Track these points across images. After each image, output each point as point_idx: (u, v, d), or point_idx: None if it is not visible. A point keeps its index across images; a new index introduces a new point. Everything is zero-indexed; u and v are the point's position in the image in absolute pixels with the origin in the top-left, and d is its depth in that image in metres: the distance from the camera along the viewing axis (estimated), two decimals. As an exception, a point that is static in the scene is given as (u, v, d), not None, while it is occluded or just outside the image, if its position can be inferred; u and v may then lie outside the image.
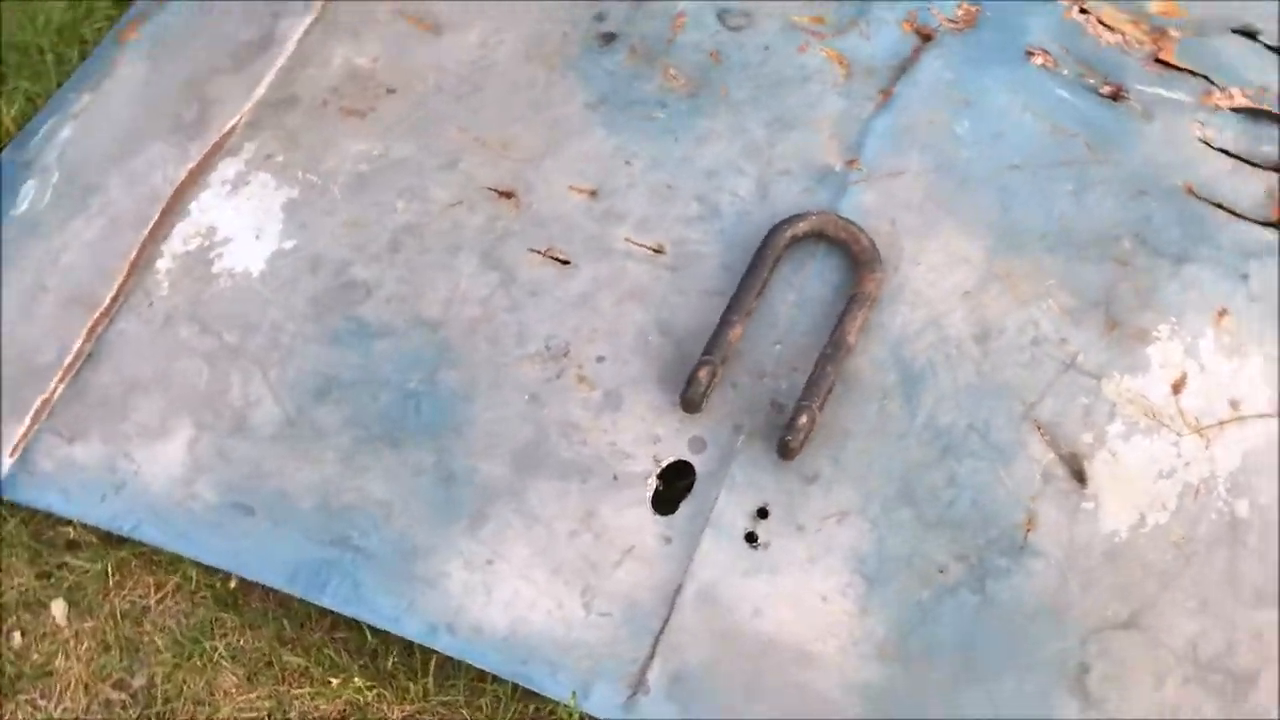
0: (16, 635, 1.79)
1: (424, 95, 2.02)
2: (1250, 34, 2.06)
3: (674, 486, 1.76)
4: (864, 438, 1.73)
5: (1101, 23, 2.07)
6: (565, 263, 1.87)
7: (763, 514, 1.70)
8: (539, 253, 1.87)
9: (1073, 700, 1.59)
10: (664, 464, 1.73)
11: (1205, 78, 2.00)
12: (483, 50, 2.06)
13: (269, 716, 1.72)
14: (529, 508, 1.71)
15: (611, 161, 1.94)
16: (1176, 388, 1.76)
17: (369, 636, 1.73)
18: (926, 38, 2.03)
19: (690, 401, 1.71)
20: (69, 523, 1.81)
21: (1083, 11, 2.06)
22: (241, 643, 1.77)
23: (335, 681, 1.72)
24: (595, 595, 1.66)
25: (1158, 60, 2.02)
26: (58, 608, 1.81)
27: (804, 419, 1.66)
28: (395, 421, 1.77)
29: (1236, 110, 1.98)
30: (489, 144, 1.96)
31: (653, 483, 1.72)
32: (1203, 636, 1.62)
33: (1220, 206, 1.88)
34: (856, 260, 1.81)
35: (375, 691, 1.71)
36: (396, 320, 1.83)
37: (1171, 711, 1.59)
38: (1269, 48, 2.04)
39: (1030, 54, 2.01)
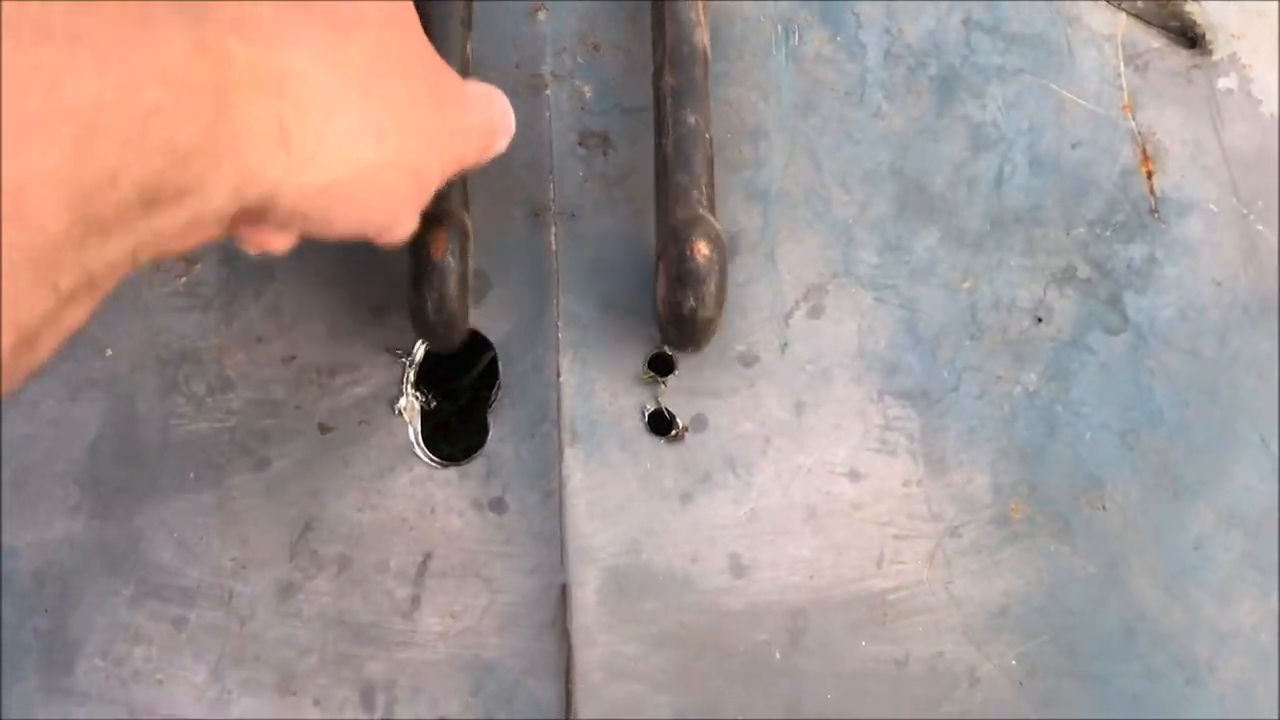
0: None
1: None
2: None
3: (455, 392, 0.82)
4: (788, 127, 0.82)
5: None
6: None
7: (661, 366, 0.77)
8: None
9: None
10: (414, 356, 0.76)
11: None
12: None
13: None
14: (159, 580, 0.72)
15: None
16: None
17: None
18: None
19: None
20: None
21: None
22: None
23: None
24: (395, 699, 0.72)
25: None
26: None
27: (689, 118, 0.71)
28: None
29: None
30: None
31: (410, 404, 0.76)
32: None
33: None
34: None
35: None
36: None
37: None
38: None
39: None
